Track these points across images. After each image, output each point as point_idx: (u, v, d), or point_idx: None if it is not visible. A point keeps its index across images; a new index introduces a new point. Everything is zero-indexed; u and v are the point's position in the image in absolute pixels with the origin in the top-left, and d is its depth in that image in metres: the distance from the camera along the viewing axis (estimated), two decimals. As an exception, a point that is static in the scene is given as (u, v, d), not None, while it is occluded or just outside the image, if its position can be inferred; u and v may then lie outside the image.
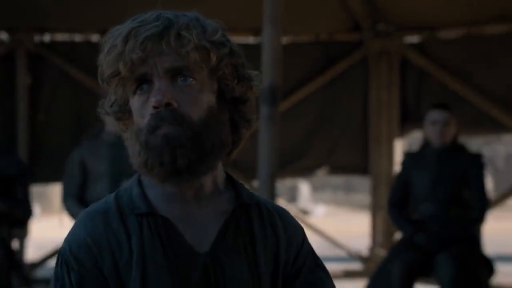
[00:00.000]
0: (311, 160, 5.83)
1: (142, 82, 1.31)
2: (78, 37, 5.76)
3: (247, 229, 1.36)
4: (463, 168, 4.16)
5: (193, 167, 1.29)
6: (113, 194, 1.37)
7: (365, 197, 14.60)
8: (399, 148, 5.79)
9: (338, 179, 15.24)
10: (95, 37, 5.71)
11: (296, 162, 5.74)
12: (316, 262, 1.41)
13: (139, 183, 1.37)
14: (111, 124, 4.18)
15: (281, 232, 1.38)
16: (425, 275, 4.08)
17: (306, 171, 6.02)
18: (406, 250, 4.08)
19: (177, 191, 1.34)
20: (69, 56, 5.66)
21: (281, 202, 6.20)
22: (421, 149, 4.32)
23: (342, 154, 5.81)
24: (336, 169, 6.00)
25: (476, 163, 4.17)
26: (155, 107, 1.28)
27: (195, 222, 1.34)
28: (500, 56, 5.55)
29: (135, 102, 1.32)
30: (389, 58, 5.72)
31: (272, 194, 3.66)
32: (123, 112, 1.35)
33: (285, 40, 5.12)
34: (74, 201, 4.22)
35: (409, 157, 4.36)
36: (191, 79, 1.30)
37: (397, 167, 5.71)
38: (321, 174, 6.11)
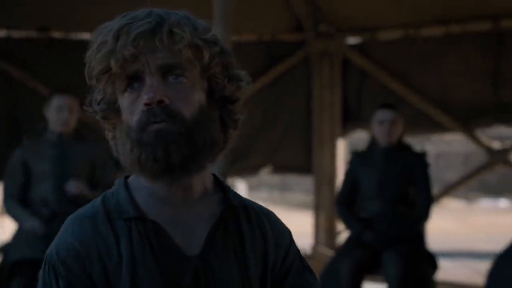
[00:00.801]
0: (256, 159, 5.84)
1: (133, 79, 1.28)
2: (15, 34, 5.63)
3: (236, 231, 1.35)
4: (409, 167, 4.22)
5: (186, 163, 1.27)
6: (99, 198, 1.34)
7: (301, 196, 14.73)
8: (342, 148, 5.84)
9: (274, 178, 15.33)
10: (32, 34, 5.59)
11: (240, 161, 5.74)
12: (303, 264, 1.41)
13: (126, 186, 1.34)
14: (54, 123, 4.10)
15: (269, 234, 1.38)
16: (372, 273, 4.13)
17: (250, 170, 6.03)
18: (354, 248, 4.12)
19: (166, 194, 1.31)
20: (5, 53, 5.52)
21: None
22: (368, 148, 4.36)
23: (285, 153, 5.84)
24: (280, 168, 6.03)
25: (420, 162, 4.24)
26: (147, 104, 1.26)
27: (185, 225, 1.32)
28: (436, 57, 5.66)
29: (124, 100, 1.29)
30: (330, 59, 5.77)
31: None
32: (111, 111, 1.32)
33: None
34: (15, 202, 4.12)
35: (356, 156, 4.40)
36: (183, 77, 1.29)
37: (340, 166, 5.77)
38: (265, 173, 6.12)
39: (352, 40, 5.91)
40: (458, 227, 12.16)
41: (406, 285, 3.92)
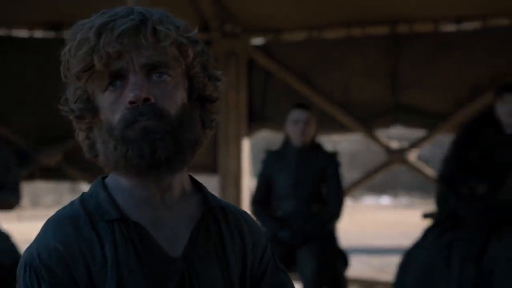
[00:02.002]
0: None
1: (115, 77, 1.24)
2: None
3: (216, 232, 1.34)
4: (322, 166, 4.27)
5: (172, 160, 1.24)
6: (77, 200, 1.29)
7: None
8: (247, 148, 5.84)
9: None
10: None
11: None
12: (276, 265, 1.41)
13: (104, 186, 1.30)
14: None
15: (247, 234, 1.37)
16: (288, 270, 4.14)
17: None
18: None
19: (146, 195, 1.28)
20: None
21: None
22: (282, 147, 4.38)
23: (191, 153, 5.78)
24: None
25: (332, 162, 4.30)
26: (132, 102, 1.22)
27: (166, 226, 1.29)
28: (338, 59, 5.76)
29: (105, 98, 1.25)
30: (236, 59, 5.77)
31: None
32: (88, 110, 1.27)
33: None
34: None
35: (270, 155, 4.41)
36: (167, 75, 1.26)
37: (245, 166, 5.77)
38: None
39: (257, 40, 5.93)
40: (346, 224, 12.47)
41: (320, 282, 3.97)
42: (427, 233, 3.90)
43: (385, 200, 16.75)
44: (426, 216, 4.14)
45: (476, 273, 3.62)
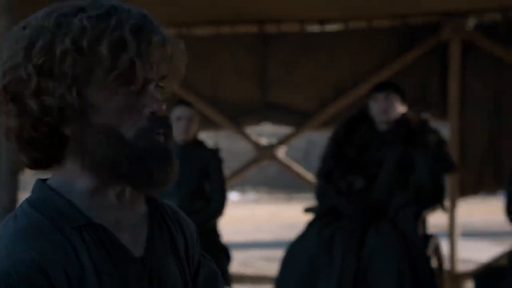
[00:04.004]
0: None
1: (132, 84, 1.15)
2: None
3: (166, 229, 1.29)
4: (204, 162, 4.21)
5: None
6: (28, 208, 1.17)
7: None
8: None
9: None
10: None
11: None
12: (203, 255, 1.39)
13: (52, 189, 1.18)
14: None
15: (185, 229, 1.33)
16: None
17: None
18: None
19: (106, 197, 1.20)
20: None
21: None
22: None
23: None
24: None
25: (214, 158, 4.25)
26: (153, 113, 1.16)
27: (125, 226, 1.22)
28: (208, 57, 5.71)
29: (112, 101, 1.14)
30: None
31: (15, 190, 3.53)
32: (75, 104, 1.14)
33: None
34: None
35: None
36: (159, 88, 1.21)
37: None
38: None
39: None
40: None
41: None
42: (309, 227, 3.96)
43: (234, 196, 16.97)
44: (307, 210, 4.18)
45: (356, 263, 3.72)
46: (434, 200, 4.00)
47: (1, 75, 1.15)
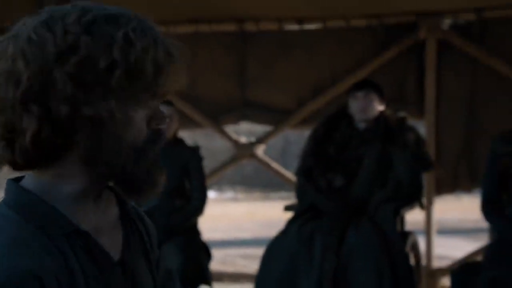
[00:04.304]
0: None
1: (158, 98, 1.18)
2: None
3: (136, 231, 1.29)
4: (184, 160, 4.21)
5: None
6: (9, 212, 1.13)
7: None
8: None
9: None
10: None
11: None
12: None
13: (30, 193, 1.15)
14: None
15: (150, 230, 1.34)
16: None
17: None
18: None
19: (87, 201, 1.19)
20: None
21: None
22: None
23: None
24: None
25: (195, 156, 4.25)
26: (161, 127, 1.19)
27: (103, 231, 1.22)
28: (187, 55, 5.69)
29: (139, 114, 1.15)
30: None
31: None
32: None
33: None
34: None
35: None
36: None
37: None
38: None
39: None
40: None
41: (186, 276, 3.91)
42: (289, 225, 3.97)
43: (211, 194, 16.94)
44: (287, 208, 4.19)
45: (336, 261, 3.74)
46: (413, 197, 4.04)
47: (26, 74, 1.09)
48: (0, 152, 1.14)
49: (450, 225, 10.90)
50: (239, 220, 12.06)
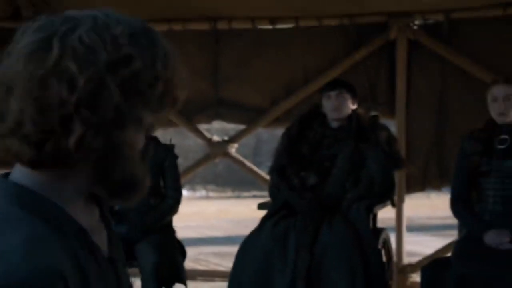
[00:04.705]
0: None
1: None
2: None
3: (111, 229, 1.30)
4: (159, 159, 4.20)
5: None
6: (21, 213, 1.10)
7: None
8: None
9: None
10: None
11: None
12: None
13: (34, 194, 1.13)
14: None
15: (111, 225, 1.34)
16: (128, 265, 4.03)
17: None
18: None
19: (82, 202, 1.19)
20: None
21: None
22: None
23: None
24: None
25: (170, 154, 4.24)
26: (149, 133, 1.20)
27: (96, 229, 1.22)
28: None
29: (147, 121, 1.15)
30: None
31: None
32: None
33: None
34: None
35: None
36: None
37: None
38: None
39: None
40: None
41: (161, 274, 3.91)
42: (263, 223, 3.98)
43: (183, 192, 16.90)
44: (260, 207, 4.21)
45: (309, 258, 3.75)
46: (385, 195, 4.08)
47: (83, 79, 1.07)
48: (17, 149, 1.10)
49: (419, 223, 11.01)
50: (212, 219, 12.06)
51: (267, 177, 4.79)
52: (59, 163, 1.11)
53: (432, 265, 3.88)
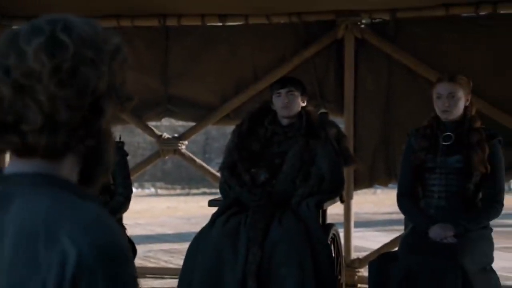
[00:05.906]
0: None
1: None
2: None
3: None
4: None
5: None
6: (68, 195, 1.14)
7: None
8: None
9: None
10: None
11: None
12: None
13: (56, 178, 1.17)
14: None
15: None
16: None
17: None
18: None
19: None
20: None
21: None
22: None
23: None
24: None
25: (119, 152, 4.19)
26: None
27: None
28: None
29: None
30: None
31: None
32: None
33: None
34: None
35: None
36: None
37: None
38: None
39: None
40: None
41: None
42: (214, 219, 3.97)
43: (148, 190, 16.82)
44: (211, 203, 4.20)
45: (260, 254, 3.76)
46: (335, 192, 4.12)
47: (105, 69, 1.16)
48: (37, 141, 1.12)
49: (365, 218, 11.15)
50: (161, 216, 11.99)
51: (217, 174, 4.79)
52: (65, 151, 1.15)
53: (379, 260, 3.93)
